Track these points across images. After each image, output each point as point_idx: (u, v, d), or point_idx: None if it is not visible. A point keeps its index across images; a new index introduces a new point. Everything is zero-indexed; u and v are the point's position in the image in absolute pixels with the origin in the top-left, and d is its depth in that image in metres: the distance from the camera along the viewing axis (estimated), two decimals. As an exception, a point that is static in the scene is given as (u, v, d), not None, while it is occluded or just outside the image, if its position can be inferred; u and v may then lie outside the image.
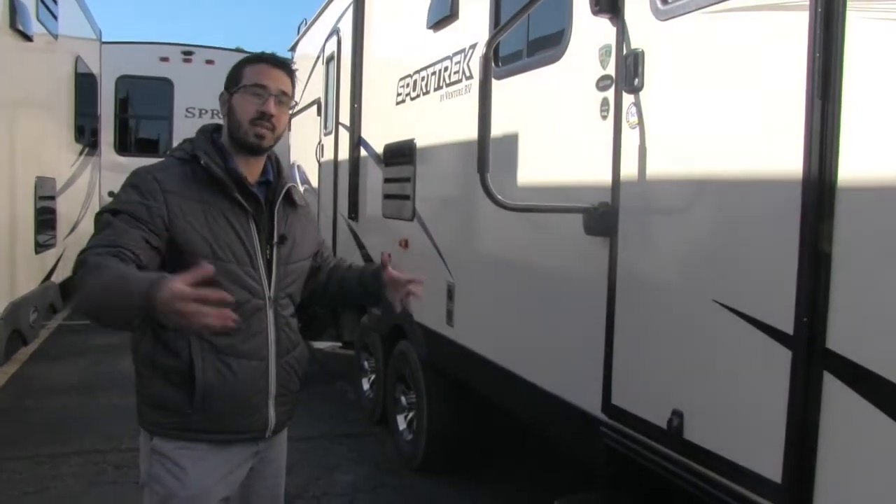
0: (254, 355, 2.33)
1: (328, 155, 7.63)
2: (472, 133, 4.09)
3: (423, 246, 4.82)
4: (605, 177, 2.88)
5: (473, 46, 4.15)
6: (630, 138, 2.75)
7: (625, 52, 2.78)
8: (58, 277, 7.00)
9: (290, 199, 2.46)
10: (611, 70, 2.90)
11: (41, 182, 6.17)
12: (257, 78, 2.31)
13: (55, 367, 7.84)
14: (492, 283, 3.94)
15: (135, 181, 2.23)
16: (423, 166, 4.93)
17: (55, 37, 6.81)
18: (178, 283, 1.73)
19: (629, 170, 2.76)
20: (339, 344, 8.25)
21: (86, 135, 8.61)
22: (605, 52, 2.94)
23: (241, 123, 2.31)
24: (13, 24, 5.26)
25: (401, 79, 5.35)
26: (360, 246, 6.38)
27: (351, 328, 7.31)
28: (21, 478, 4.96)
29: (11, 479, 4.93)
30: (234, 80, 2.35)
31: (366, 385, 6.62)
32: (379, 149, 5.82)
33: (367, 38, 6.39)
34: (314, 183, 8.45)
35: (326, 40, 7.94)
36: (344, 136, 6.95)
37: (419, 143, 4.97)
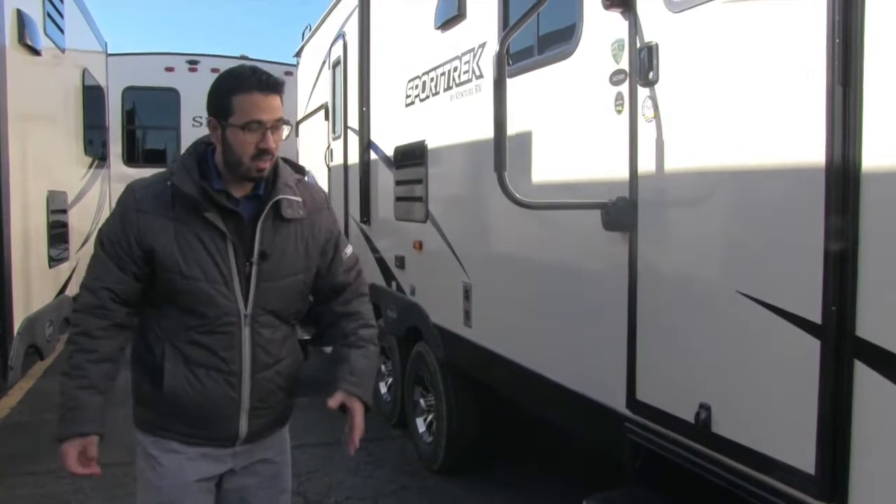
0: (224, 369, 2.34)
1: (338, 159, 7.63)
2: (484, 132, 4.10)
3: (438, 247, 4.81)
4: (622, 171, 2.87)
5: (483, 45, 4.14)
6: (647, 132, 2.74)
7: (638, 45, 2.77)
8: (72, 291, 6.99)
9: (278, 213, 2.35)
10: (624, 64, 2.88)
11: (53, 196, 6.17)
12: (252, 113, 2.22)
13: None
14: (510, 283, 3.92)
15: (120, 200, 2.35)
16: (435, 167, 4.92)
17: (62, 50, 6.82)
18: (71, 458, 2.27)
19: (647, 163, 2.74)
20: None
21: (95, 147, 8.62)
22: (617, 47, 2.92)
23: (241, 160, 2.26)
24: (22, 39, 5.26)
25: (409, 80, 5.34)
26: (374, 250, 6.38)
27: (366, 332, 7.27)
28: (42, 492, 4.96)
29: (33, 495, 4.93)
30: (223, 110, 2.25)
31: (383, 389, 6.60)
32: (389, 151, 5.81)
33: (373, 41, 6.39)
34: (324, 188, 8.45)
35: (332, 45, 7.93)
36: (353, 140, 6.94)
37: (430, 144, 4.96)
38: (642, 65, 2.73)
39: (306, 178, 2.54)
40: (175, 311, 2.31)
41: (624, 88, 2.88)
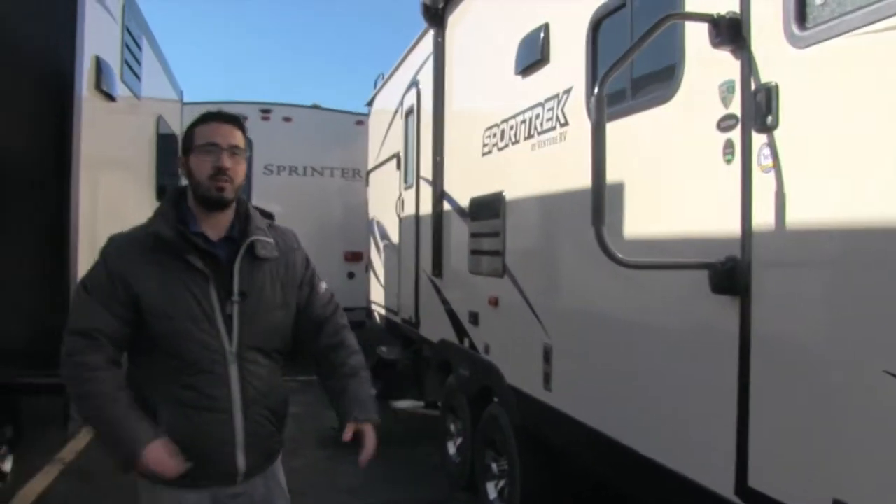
0: (214, 408, 2.41)
1: (409, 209, 7.45)
2: (568, 183, 3.85)
3: (516, 304, 4.53)
4: (733, 227, 2.57)
5: (568, 91, 3.90)
6: (763, 183, 2.43)
7: (753, 87, 2.48)
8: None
9: (253, 254, 2.48)
10: (735, 108, 2.60)
11: (122, 242, 6.09)
12: (208, 137, 2.42)
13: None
14: (598, 346, 3.61)
15: (102, 251, 2.44)
16: (513, 219, 4.67)
17: (138, 97, 6.81)
18: (164, 459, 2.26)
19: (763, 219, 2.43)
20: (422, 404, 7.98)
21: (166, 193, 8.62)
22: (727, 89, 2.64)
23: (200, 181, 2.41)
24: (98, 86, 5.23)
25: (486, 129, 5.12)
26: (445, 302, 6.12)
27: (434, 388, 7.04)
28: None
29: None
30: (188, 143, 2.47)
31: (451, 449, 6.29)
32: (464, 202, 5.58)
33: (448, 89, 6.22)
34: (394, 238, 8.27)
35: (405, 93, 7.82)
36: (426, 190, 6.76)
37: (509, 195, 4.71)
38: (758, 109, 2.43)
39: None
40: (163, 356, 2.38)
41: (735, 135, 2.59)
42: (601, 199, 2.55)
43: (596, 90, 2.54)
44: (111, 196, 5.84)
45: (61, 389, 4.58)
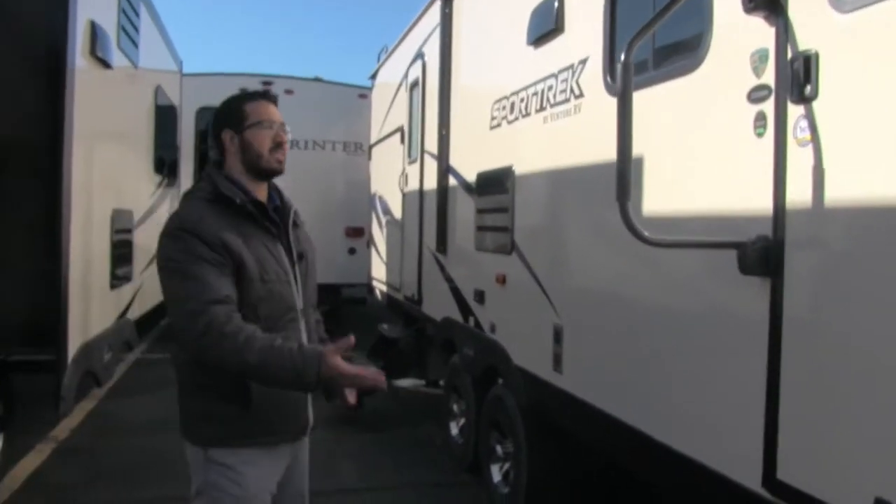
0: None
1: (413, 185, 7.30)
2: (582, 157, 3.70)
3: (524, 282, 4.38)
4: (764, 205, 2.41)
5: (584, 62, 3.73)
6: (799, 158, 2.27)
7: (790, 55, 2.31)
8: (133, 314, 6.75)
9: (295, 221, 2.71)
10: (767, 78, 2.43)
11: (118, 215, 5.92)
12: (264, 114, 2.59)
13: (133, 404, 7.58)
14: (614, 328, 3.46)
15: (183, 227, 2.41)
16: (523, 194, 4.51)
17: (135, 66, 6.63)
18: (339, 363, 2.24)
19: (799, 196, 2.28)
20: (423, 382, 7.87)
21: (165, 166, 8.43)
22: (759, 58, 2.47)
23: (261, 154, 2.57)
24: (93, 52, 5.05)
25: (495, 101, 4.95)
26: (449, 280, 5.98)
27: (437, 367, 6.92)
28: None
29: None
30: (237, 118, 2.59)
31: (454, 429, 6.19)
32: (470, 177, 5.42)
33: (455, 60, 6.04)
34: (397, 214, 8.11)
35: (410, 66, 7.64)
36: (430, 165, 6.59)
37: (518, 169, 4.55)
38: (795, 78, 2.27)
39: None
40: (252, 318, 2.40)
41: (767, 107, 2.43)
42: (627, 174, 2.40)
43: (622, 57, 2.38)
44: (107, 170, 5.68)
45: (53, 367, 4.53)
